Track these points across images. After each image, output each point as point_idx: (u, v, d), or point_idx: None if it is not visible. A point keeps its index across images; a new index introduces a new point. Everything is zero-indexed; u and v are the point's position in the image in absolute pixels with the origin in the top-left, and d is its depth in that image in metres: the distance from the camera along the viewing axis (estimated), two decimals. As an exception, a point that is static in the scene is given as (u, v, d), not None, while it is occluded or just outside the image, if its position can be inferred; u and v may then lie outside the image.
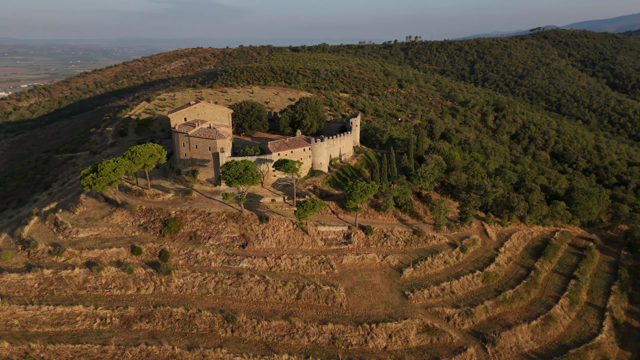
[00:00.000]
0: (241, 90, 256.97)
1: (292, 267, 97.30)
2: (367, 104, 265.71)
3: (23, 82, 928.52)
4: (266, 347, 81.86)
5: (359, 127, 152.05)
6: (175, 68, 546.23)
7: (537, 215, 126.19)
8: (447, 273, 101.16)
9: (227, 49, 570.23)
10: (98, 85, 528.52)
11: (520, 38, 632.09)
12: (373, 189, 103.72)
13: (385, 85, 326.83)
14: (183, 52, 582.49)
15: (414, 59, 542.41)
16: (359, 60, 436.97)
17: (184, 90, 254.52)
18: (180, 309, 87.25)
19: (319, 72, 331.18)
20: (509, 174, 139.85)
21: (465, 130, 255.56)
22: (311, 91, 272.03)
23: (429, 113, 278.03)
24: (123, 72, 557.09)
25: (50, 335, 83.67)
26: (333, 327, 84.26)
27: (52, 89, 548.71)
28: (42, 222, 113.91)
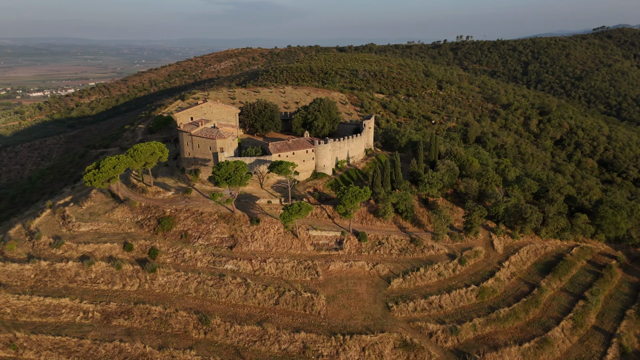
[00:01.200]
0: (273, 90, 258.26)
1: (276, 272, 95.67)
2: (400, 105, 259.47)
3: (91, 80, 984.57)
4: (236, 351, 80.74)
5: (373, 129, 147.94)
6: (224, 68, 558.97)
7: (553, 228, 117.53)
8: (439, 286, 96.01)
9: (275, 49, 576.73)
10: (152, 84, 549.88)
11: (581, 37, 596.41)
12: (365, 194, 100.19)
13: (424, 87, 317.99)
14: (233, 52, 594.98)
15: (464, 60, 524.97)
16: (402, 60, 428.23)
17: (218, 90, 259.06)
18: (159, 308, 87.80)
19: (357, 72, 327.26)
20: (528, 182, 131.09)
21: (503, 134, 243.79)
22: (343, 92, 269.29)
23: (466, 116, 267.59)
24: (176, 71, 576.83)
25: (37, 326, 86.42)
26: (305, 336, 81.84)
27: (111, 87, 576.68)
28: (52, 214, 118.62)
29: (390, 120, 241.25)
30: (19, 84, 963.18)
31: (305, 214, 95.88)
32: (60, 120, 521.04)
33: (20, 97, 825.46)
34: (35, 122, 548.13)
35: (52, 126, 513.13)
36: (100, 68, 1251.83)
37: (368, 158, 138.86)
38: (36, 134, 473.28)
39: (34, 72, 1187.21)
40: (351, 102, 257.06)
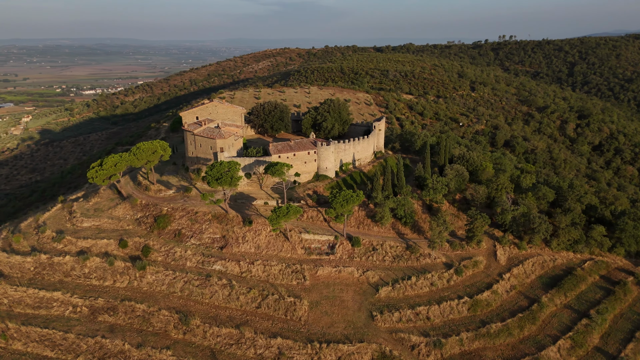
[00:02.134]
0: (299, 90, 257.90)
1: (263, 274, 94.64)
2: (427, 106, 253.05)
3: (140, 79, 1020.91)
4: (212, 354, 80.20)
5: (383, 131, 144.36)
6: (262, 68, 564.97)
7: (565, 239, 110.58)
8: (429, 296, 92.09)
9: (312, 50, 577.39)
10: (193, 83, 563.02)
11: (634, 37, 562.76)
12: (357, 198, 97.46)
13: (456, 88, 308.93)
14: (271, 52, 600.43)
15: (505, 60, 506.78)
16: (438, 61, 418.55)
17: (244, 90, 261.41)
18: (143, 306, 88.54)
19: (387, 72, 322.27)
20: (543, 190, 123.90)
21: (535, 138, 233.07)
22: (370, 92, 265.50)
23: (497, 118, 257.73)
24: (215, 71, 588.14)
25: (29, 317, 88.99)
26: (282, 342, 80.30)
27: (154, 86, 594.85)
28: (62, 209, 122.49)
29: (415, 122, 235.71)
30: (73, 82, 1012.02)
31: (293, 216, 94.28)
32: (106, 117, 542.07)
33: (73, 94, 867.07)
34: (82, 118, 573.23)
35: (98, 123, 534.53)
36: (149, 67, 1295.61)
37: (376, 161, 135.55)
38: (82, 130, 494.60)
39: (88, 71, 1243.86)
40: (376, 103, 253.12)
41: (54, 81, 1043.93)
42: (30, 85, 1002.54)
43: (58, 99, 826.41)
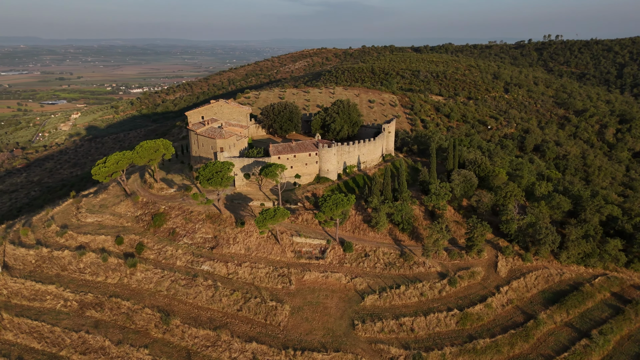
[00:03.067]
0: (324, 90, 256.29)
1: (249, 277, 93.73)
2: (455, 108, 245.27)
3: (185, 78, 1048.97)
4: (187, 355, 79.97)
5: (393, 133, 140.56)
6: (298, 68, 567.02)
7: (575, 252, 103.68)
8: (417, 307, 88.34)
9: (349, 50, 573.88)
10: (230, 82, 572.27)
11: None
12: (347, 202, 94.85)
13: (488, 89, 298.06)
14: (308, 52, 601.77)
15: (549, 61, 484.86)
16: (474, 61, 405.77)
17: (269, 90, 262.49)
18: (128, 303, 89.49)
19: (418, 73, 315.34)
20: (557, 199, 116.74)
21: (568, 143, 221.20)
22: (396, 93, 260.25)
23: (529, 121, 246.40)
24: (253, 70, 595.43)
25: (24, 309, 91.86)
26: (257, 347, 79.05)
27: (194, 85, 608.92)
28: (72, 204, 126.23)
29: (441, 124, 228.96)
30: (123, 81, 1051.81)
31: (281, 219, 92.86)
32: (147, 115, 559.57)
33: (122, 92, 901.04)
34: (126, 116, 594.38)
35: (140, 120, 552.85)
36: (195, 67, 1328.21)
37: (383, 164, 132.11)
38: (124, 127, 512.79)
39: (138, 70, 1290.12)
40: (402, 104, 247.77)
41: (105, 80, 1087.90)
42: (83, 84, 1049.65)
43: (107, 96, 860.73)
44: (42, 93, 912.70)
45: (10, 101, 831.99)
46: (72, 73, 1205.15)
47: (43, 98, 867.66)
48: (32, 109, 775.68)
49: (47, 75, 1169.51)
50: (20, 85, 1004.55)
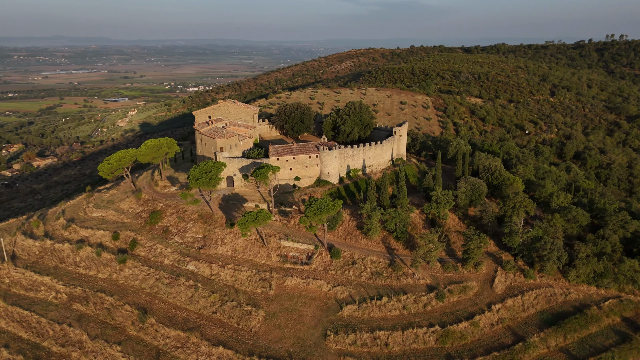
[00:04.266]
0: (355, 91, 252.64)
1: (230, 279, 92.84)
2: (491, 111, 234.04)
3: (240, 77, 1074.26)
4: (157, 354, 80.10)
5: (405, 137, 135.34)
6: (344, 68, 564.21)
7: (585, 271, 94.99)
8: (397, 321, 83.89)
9: (397, 50, 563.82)
10: (277, 82, 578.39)
11: None
12: (332, 208, 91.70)
13: (532, 92, 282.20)
14: (355, 52, 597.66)
15: (610, 62, 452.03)
16: (523, 62, 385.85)
17: (301, 90, 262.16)
18: (111, 299, 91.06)
19: (459, 74, 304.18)
20: (573, 212, 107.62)
21: (615, 151, 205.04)
22: (430, 95, 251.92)
23: (573, 127, 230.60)
24: (300, 71, 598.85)
25: (20, 298, 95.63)
26: (223, 352, 78.00)
27: (242, 85, 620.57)
28: (85, 198, 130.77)
29: (474, 127, 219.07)
30: (181, 80, 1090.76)
31: (262, 222, 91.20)
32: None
33: (179, 91, 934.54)
34: (178, 113, 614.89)
35: (189, 118, 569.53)
36: (250, 67, 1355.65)
37: (391, 168, 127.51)
38: (175, 124, 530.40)
39: (196, 70, 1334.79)
40: (434, 106, 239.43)
41: (165, 78, 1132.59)
42: (144, 82, 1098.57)
43: (165, 94, 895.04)
44: (106, 91, 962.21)
45: (78, 98, 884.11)
46: (135, 72, 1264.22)
47: (107, 95, 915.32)
48: (96, 105, 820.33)
49: (113, 74, 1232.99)
50: (88, 83, 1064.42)
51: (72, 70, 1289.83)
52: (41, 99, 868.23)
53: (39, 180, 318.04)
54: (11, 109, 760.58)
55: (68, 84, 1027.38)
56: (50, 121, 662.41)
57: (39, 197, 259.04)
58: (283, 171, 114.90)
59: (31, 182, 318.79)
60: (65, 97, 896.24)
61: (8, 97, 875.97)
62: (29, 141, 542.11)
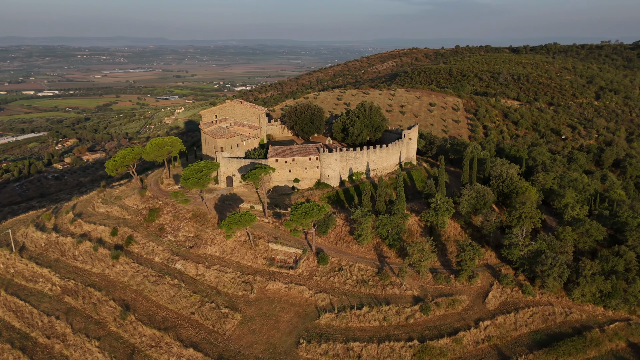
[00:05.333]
0: (384, 92, 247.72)
1: (214, 280, 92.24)
2: (526, 115, 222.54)
3: (286, 77, 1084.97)
4: (131, 352, 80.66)
5: (415, 140, 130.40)
6: (386, 68, 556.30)
7: (589, 290, 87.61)
8: (375, 332, 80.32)
9: (441, 50, 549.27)
10: (318, 82, 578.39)
11: None
12: (317, 212, 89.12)
13: (575, 94, 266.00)
14: (398, 52, 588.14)
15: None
16: (570, 63, 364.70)
17: (329, 90, 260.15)
18: (99, 294, 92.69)
19: (498, 75, 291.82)
20: (586, 226, 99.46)
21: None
22: (462, 97, 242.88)
23: (617, 132, 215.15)
24: (341, 71, 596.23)
25: (20, 288, 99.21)
26: (193, 354, 77.42)
27: (284, 84, 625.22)
28: (97, 193, 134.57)
29: (505, 131, 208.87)
30: (230, 79, 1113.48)
31: (247, 223, 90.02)
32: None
33: (227, 90, 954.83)
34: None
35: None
36: (297, 67, 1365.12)
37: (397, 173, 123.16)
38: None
39: (245, 69, 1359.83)
40: (465, 109, 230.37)
41: (215, 78, 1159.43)
42: (195, 81, 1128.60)
43: (213, 93, 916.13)
44: (159, 89, 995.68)
45: (132, 95, 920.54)
46: (187, 71, 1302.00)
47: (159, 93, 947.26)
48: (148, 103, 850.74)
49: (166, 73, 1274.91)
50: (142, 81, 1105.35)
51: (129, 69, 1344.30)
52: (99, 96, 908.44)
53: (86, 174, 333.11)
54: (71, 106, 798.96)
55: (125, 82, 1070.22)
56: (104, 118, 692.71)
57: (84, 190, 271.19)
58: (282, 173, 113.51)
59: (79, 175, 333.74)
60: (121, 94, 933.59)
61: (70, 94, 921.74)
62: (82, 136, 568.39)
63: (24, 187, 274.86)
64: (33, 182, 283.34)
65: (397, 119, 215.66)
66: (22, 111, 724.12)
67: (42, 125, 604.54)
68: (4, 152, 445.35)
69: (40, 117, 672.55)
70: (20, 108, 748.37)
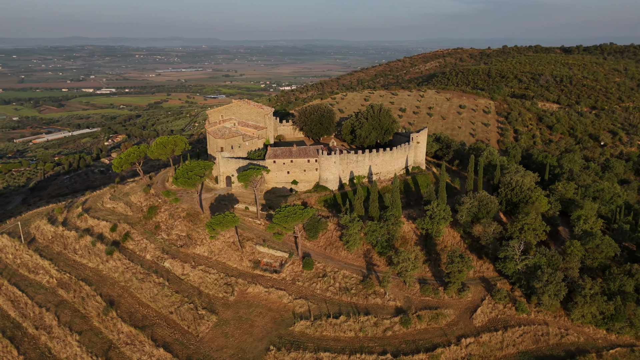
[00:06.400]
0: (413, 93, 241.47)
1: (198, 280, 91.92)
2: (562, 119, 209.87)
3: (332, 77, 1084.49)
4: (107, 348, 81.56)
5: (424, 144, 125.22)
6: (428, 68, 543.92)
7: (590, 311, 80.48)
8: (349, 343, 77.12)
9: (487, 50, 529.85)
10: (359, 82, 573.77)
11: None
12: (300, 216, 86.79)
13: (622, 98, 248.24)
14: (442, 52, 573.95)
15: None
16: (622, 64, 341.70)
17: (358, 92, 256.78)
18: (89, 288, 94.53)
19: (539, 77, 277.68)
20: (596, 241, 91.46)
21: None
22: (495, 99, 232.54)
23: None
24: (383, 71, 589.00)
25: (22, 278, 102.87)
26: (163, 354, 77.34)
27: (325, 85, 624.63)
28: (109, 189, 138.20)
29: (538, 136, 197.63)
30: (276, 79, 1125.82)
31: (230, 225, 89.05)
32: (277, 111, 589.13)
33: (272, 90, 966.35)
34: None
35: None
36: (344, 67, 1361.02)
37: (404, 177, 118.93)
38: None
39: (292, 69, 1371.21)
40: (497, 112, 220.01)
41: (262, 77, 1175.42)
42: (243, 80, 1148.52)
43: (259, 92, 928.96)
44: (207, 88, 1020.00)
45: (182, 94, 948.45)
46: (236, 71, 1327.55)
47: (207, 92, 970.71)
48: (196, 101, 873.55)
49: (216, 72, 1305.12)
50: (193, 80, 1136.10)
51: (182, 69, 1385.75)
52: (152, 94, 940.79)
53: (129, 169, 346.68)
54: (125, 103, 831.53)
55: (176, 81, 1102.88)
56: (154, 115, 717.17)
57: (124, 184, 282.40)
58: (280, 174, 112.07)
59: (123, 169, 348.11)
60: (172, 93, 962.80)
61: (125, 92, 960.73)
62: (131, 132, 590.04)
63: (72, 180, 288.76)
64: (81, 175, 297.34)
65: (423, 121, 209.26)
66: (80, 108, 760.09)
67: (97, 121, 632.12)
68: (59, 146, 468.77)
69: (96, 114, 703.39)
70: (79, 105, 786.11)
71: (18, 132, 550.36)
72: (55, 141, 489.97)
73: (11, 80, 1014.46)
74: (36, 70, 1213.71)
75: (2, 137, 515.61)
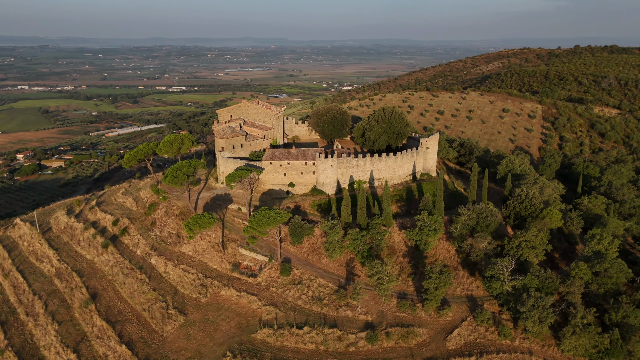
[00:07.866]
0: (455, 95, 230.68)
1: (177, 279, 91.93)
2: (617, 126, 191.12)
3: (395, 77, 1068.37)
4: (80, 340, 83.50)
5: (435, 149, 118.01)
6: (490, 69, 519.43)
7: (580, 343, 71.39)
8: (308, 355, 73.46)
9: (556, 50, 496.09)
10: (417, 83, 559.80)
11: None
12: (275, 220, 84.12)
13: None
14: (506, 52, 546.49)
15: None
16: None
17: (395, 92, 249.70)
18: (78, 280, 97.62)
19: (601, 79, 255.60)
20: (605, 265, 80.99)
21: None
22: (544, 103, 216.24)
23: None
24: (442, 71, 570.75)
25: (29, 266, 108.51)
26: (124, 351, 78.06)
27: (382, 85, 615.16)
28: (127, 184, 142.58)
29: (587, 144, 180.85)
30: (339, 79, 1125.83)
31: (207, 226, 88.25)
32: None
33: (334, 90, 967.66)
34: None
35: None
36: (409, 67, 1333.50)
37: (409, 183, 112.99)
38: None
39: (356, 69, 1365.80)
40: (543, 117, 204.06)
41: (325, 77, 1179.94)
42: (306, 80, 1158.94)
43: (320, 92, 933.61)
44: (271, 87, 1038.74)
45: (246, 93, 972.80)
46: (300, 70, 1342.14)
47: (271, 92, 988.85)
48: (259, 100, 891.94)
49: (281, 72, 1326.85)
50: (258, 79, 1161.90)
51: (249, 68, 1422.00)
52: (218, 92, 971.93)
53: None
54: (193, 101, 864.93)
55: (242, 80, 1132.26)
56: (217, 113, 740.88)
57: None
58: (276, 176, 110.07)
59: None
60: (237, 91, 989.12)
61: (194, 90, 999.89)
62: (193, 129, 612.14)
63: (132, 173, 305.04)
64: (140, 168, 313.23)
65: (461, 124, 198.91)
66: (152, 104, 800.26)
67: (165, 117, 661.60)
68: (128, 140, 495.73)
69: (166, 110, 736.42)
70: (151, 102, 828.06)
71: (94, 126, 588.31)
72: (125, 135, 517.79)
73: (95, 77, 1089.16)
74: (118, 68, 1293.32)
75: (80, 130, 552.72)
